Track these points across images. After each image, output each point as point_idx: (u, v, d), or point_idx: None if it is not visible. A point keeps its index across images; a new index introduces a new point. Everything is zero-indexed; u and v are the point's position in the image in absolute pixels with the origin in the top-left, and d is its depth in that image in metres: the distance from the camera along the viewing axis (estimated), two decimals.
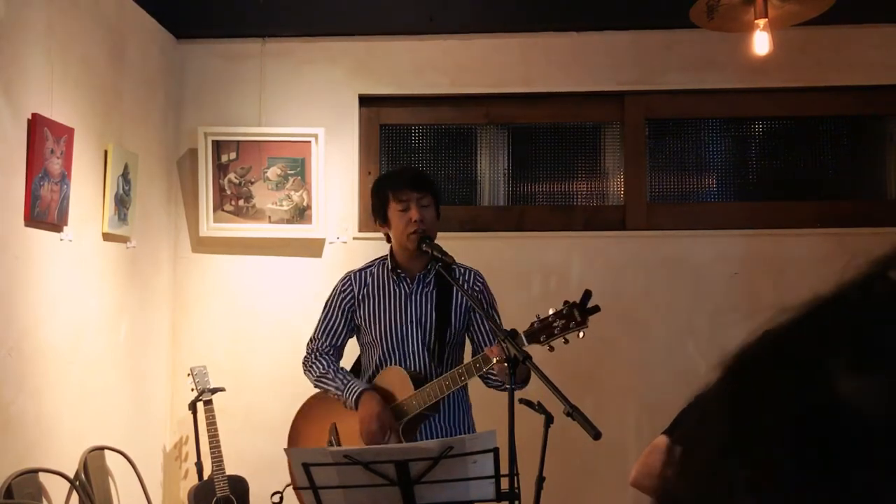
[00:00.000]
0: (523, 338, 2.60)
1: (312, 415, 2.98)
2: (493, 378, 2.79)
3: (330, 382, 2.89)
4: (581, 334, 2.59)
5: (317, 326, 3.01)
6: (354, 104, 4.37)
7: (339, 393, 2.85)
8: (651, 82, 4.32)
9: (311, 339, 3.02)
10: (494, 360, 2.64)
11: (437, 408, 2.79)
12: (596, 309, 2.60)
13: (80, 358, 3.38)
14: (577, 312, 2.58)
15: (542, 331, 2.60)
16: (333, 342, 2.98)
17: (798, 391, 0.39)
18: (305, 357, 3.01)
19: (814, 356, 0.40)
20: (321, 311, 3.03)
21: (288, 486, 2.95)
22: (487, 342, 2.93)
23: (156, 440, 4.15)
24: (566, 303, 2.63)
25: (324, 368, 2.92)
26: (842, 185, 4.45)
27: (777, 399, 0.40)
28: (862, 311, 0.40)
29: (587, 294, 2.59)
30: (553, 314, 2.61)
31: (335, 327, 2.98)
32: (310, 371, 2.97)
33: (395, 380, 2.80)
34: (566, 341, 2.62)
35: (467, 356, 3.00)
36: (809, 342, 0.41)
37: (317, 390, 2.99)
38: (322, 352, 2.97)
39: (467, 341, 3.00)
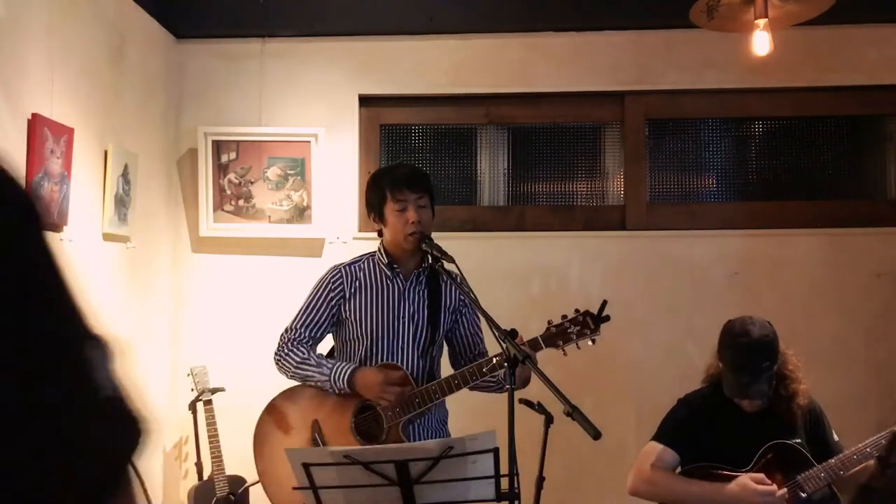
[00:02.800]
0: (541, 341, 2.65)
1: (286, 416, 2.88)
2: (493, 383, 2.80)
3: (312, 368, 2.80)
4: (592, 342, 2.65)
5: (296, 316, 2.91)
6: (354, 104, 4.37)
7: (325, 377, 2.76)
8: (651, 82, 4.32)
9: (286, 329, 2.91)
10: (494, 361, 2.65)
11: (432, 409, 2.79)
12: (607, 318, 2.69)
13: None
14: (591, 320, 2.67)
15: (559, 335, 2.68)
16: (313, 334, 2.89)
17: None
18: (279, 346, 2.89)
19: None
20: (304, 301, 2.92)
21: (250, 484, 2.92)
22: (473, 346, 2.94)
23: (156, 440, 4.15)
24: (578, 311, 2.70)
25: (304, 355, 2.83)
26: (842, 185, 4.45)
27: None
28: None
29: (604, 304, 2.67)
30: (568, 320, 2.68)
31: (318, 319, 2.88)
32: (286, 360, 2.85)
33: (395, 377, 2.78)
34: (578, 346, 2.67)
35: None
36: None
37: (281, 390, 2.91)
38: (299, 341, 2.87)
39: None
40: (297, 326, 2.90)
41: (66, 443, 0.47)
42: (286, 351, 2.88)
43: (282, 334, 2.93)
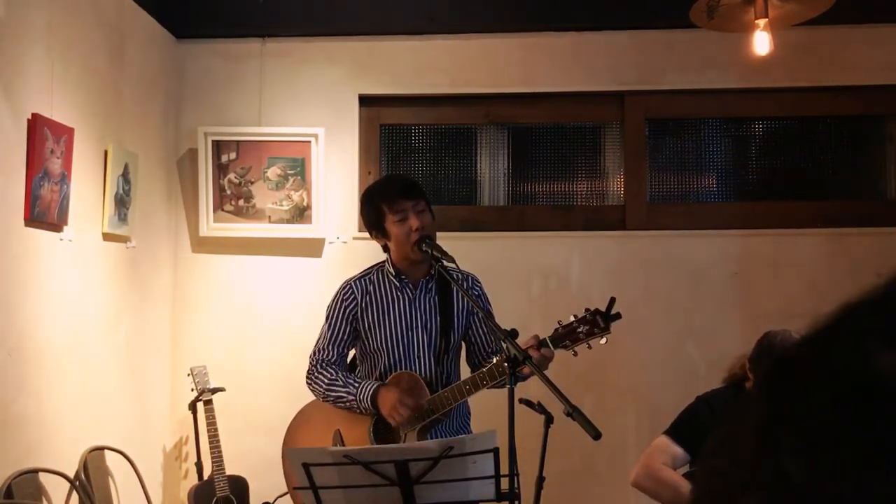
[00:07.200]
0: (549, 342, 2.60)
1: (312, 421, 2.92)
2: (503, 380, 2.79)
3: (341, 388, 2.82)
4: (604, 340, 2.60)
5: (320, 337, 2.93)
6: (354, 104, 4.37)
7: (353, 397, 2.78)
8: (651, 82, 4.32)
9: (314, 352, 2.93)
10: (498, 362, 2.64)
11: (451, 412, 2.78)
12: (618, 316, 2.60)
13: (80, 358, 3.38)
14: (601, 319, 2.60)
15: (567, 336, 2.62)
16: (340, 351, 2.91)
17: (841, 371, 0.42)
18: (310, 369, 2.92)
19: (853, 338, 0.43)
20: (324, 322, 2.94)
21: (280, 496, 2.94)
22: (487, 344, 2.93)
23: (156, 440, 4.15)
24: (588, 309, 2.64)
25: (332, 375, 2.85)
26: (842, 185, 4.45)
27: (821, 379, 0.43)
28: None
29: (612, 301, 2.60)
30: (577, 320, 2.62)
31: (341, 336, 2.90)
32: (316, 383, 2.88)
33: (409, 385, 2.77)
34: (589, 347, 2.63)
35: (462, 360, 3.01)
36: (849, 328, 0.44)
37: (314, 398, 2.95)
38: (328, 362, 2.90)
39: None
40: (324, 346, 2.92)
41: None
42: (316, 374, 2.90)
43: (310, 357, 2.95)
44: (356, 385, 2.80)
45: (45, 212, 3.06)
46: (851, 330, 0.44)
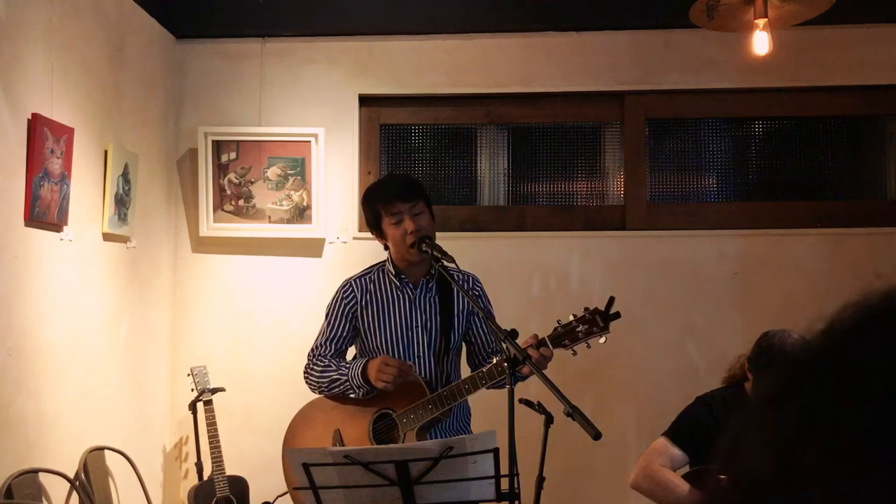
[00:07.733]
0: (548, 342, 2.61)
1: (312, 421, 2.92)
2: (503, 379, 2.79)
3: (334, 372, 2.83)
4: (603, 339, 2.60)
5: (319, 335, 2.95)
6: (354, 104, 4.37)
7: (345, 377, 2.79)
8: (651, 82, 4.32)
9: (312, 349, 2.95)
10: (498, 362, 2.64)
11: (450, 412, 2.78)
12: (617, 315, 2.60)
13: (80, 358, 3.38)
14: (600, 318, 2.60)
15: (566, 335, 2.61)
16: (338, 347, 2.92)
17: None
18: (305, 366, 2.94)
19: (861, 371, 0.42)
20: (324, 320, 2.95)
21: (279, 496, 2.95)
22: (487, 344, 2.93)
23: (156, 440, 4.15)
24: (587, 309, 2.63)
25: (325, 363, 2.88)
26: (842, 185, 4.45)
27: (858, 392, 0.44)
28: None
29: (611, 300, 2.60)
30: (576, 319, 2.62)
31: (340, 333, 2.91)
32: (311, 374, 2.90)
33: (409, 384, 2.77)
34: (589, 346, 2.63)
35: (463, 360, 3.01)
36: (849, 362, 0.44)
37: (315, 396, 2.96)
38: (323, 356, 2.91)
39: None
40: (321, 343, 2.93)
41: None
42: (311, 366, 2.92)
43: (307, 354, 2.97)
44: (348, 365, 2.82)
45: (45, 212, 3.06)
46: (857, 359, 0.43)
